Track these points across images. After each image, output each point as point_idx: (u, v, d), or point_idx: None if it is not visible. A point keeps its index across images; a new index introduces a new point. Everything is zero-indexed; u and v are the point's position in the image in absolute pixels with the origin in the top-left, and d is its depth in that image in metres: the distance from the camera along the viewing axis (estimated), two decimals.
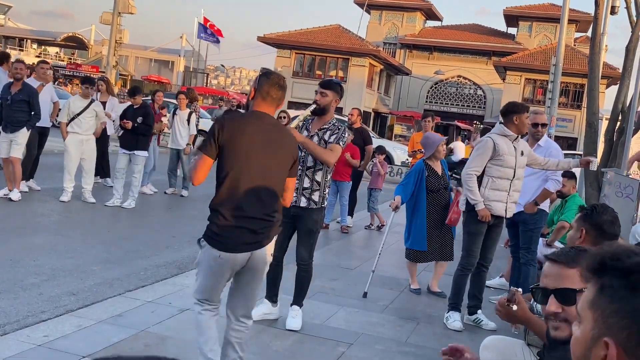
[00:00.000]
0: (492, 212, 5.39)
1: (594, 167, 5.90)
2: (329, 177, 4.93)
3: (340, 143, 4.85)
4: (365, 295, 6.12)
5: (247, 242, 3.39)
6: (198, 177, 3.41)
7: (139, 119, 9.55)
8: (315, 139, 4.85)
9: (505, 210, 5.46)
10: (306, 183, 4.84)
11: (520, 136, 5.51)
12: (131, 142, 9.59)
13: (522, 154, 5.48)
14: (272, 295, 5.14)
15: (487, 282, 7.06)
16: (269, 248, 3.54)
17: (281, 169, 3.53)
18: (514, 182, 5.44)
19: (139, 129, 9.55)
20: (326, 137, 4.85)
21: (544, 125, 6.26)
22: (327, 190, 4.95)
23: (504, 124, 5.45)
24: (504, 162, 5.34)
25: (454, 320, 5.50)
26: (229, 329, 3.60)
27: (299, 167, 4.84)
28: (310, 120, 4.98)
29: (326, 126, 4.89)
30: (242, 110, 11.78)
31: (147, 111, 9.81)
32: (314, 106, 4.85)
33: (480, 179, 5.41)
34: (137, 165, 9.67)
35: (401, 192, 6.57)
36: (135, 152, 9.63)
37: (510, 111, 5.41)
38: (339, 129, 4.89)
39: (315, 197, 4.86)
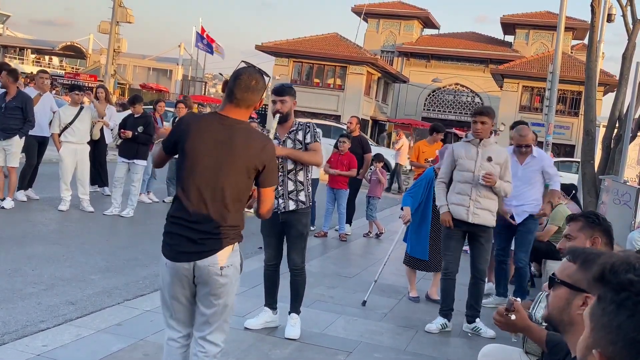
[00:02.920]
0: (453, 215, 5.45)
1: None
2: (309, 175, 4.98)
3: (318, 140, 4.91)
4: (364, 303, 6.12)
5: (186, 251, 3.09)
6: (155, 163, 3.57)
7: (140, 128, 9.56)
8: (290, 142, 4.88)
9: (468, 215, 5.41)
10: (290, 186, 4.87)
11: (488, 140, 5.45)
12: (131, 151, 9.59)
13: (489, 159, 5.41)
14: (271, 302, 5.14)
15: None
16: (224, 260, 3.13)
17: (238, 177, 3.13)
18: (478, 187, 5.39)
19: (139, 138, 9.55)
20: (300, 137, 4.88)
21: (527, 146, 6.42)
22: (309, 189, 4.98)
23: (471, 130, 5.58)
24: (460, 165, 5.48)
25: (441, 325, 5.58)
26: (192, 351, 3.30)
27: (280, 173, 4.83)
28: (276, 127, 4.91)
29: (294, 128, 4.92)
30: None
31: (147, 120, 9.82)
32: (278, 116, 4.79)
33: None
34: (137, 174, 9.67)
35: (410, 202, 6.53)
36: (135, 160, 9.63)
37: (475, 114, 5.49)
38: (309, 127, 4.94)
39: (302, 197, 4.90)
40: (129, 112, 10.25)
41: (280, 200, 4.87)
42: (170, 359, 3.29)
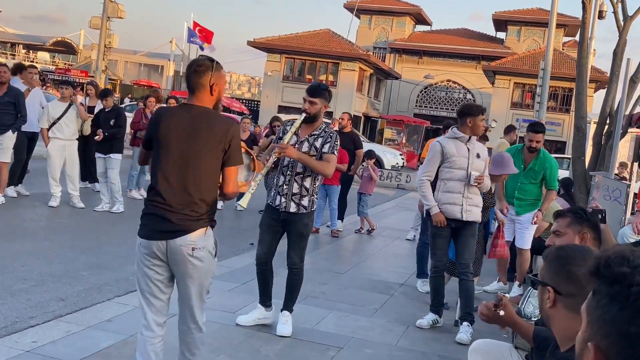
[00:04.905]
0: (446, 215, 5.40)
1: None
2: (317, 183, 4.91)
3: (335, 152, 4.83)
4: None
5: (161, 230, 3.28)
6: (139, 161, 3.78)
7: (112, 122, 9.54)
8: (306, 144, 4.82)
9: (462, 213, 5.38)
10: (295, 189, 4.83)
11: (476, 138, 5.49)
12: (105, 146, 9.52)
13: (477, 156, 5.43)
14: (264, 300, 5.10)
15: (486, 287, 7.08)
16: (196, 242, 3.27)
17: (206, 161, 3.33)
18: (468, 185, 5.38)
19: (110, 135, 9.51)
20: (317, 144, 4.81)
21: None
22: (315, 196, 4.93)
23: (458, 125, 5.51)
24: (453, 163, 5.39)
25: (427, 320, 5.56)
26: (179, 327, 3.51)
27: (288, 172, 4.83)
28: (299, 126, 4.95)
29: (316, 132, 4.86)
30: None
31: (118, 113, 9.84)
32: (304, 115, 4.80)
33: (435, 183, 5.50)
34: (113, 170, 9.52)
35: None
36: (111, 155, 9.55)
37: (465, 113, 5.45)
38: (330, 137, 4.84)
39: (305, 202, 4.85)
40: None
41: (283, 199, 4.84)
42: (148, 349, 3.41)
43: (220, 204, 10.49)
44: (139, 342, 3.43)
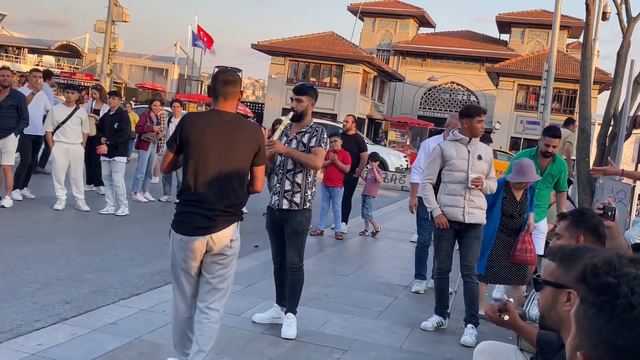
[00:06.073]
0: (448, 217, 5.38)
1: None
2: (310, 178, 4.96)
3: (322, 145, 4.90)
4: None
5: (202, 226, 3.62)
6: (163, 168, 3.98)
7: (115, 125, 9.59)
8: (294, 142, 4.91)
9: (464, 215, 5.35)
10: (287, 186, 4.89)
11: (476, 139, 5.44)
12: (111, 149, 9.57)
13: (479, 157, 5.40)
14: (280, 300, 5.19)
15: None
16: (232, 234, 3.69)
17: (240, 161, 3.70)
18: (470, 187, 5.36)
19: (114, 141, 9.54)
20: (305, 140, 4.90)
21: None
22: (309, 192, 4.96)
23: (459, 128, 5.52)
24: (452, 166, 5.39)
25: (432, 322, 5.58)
26: (196, 319, 3.75)
27: (280, 170, 4.93)
28: (289, 126, 5.04)
29: (304, 129, 4.94)
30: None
31: (121, 116, 9.88)
32: (292, 113, 4.92)
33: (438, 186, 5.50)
34: (117, 173, 9.56)
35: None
36: (116, 158, 9.58)
37: (462, 115, 5.45)
38: (317, 131, 4.94)
39: (297, 199, 4.89)
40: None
41: (276, 197, 4.91)
42: (178, 326, 3.84)
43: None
44: (174, 321, 3.86)
